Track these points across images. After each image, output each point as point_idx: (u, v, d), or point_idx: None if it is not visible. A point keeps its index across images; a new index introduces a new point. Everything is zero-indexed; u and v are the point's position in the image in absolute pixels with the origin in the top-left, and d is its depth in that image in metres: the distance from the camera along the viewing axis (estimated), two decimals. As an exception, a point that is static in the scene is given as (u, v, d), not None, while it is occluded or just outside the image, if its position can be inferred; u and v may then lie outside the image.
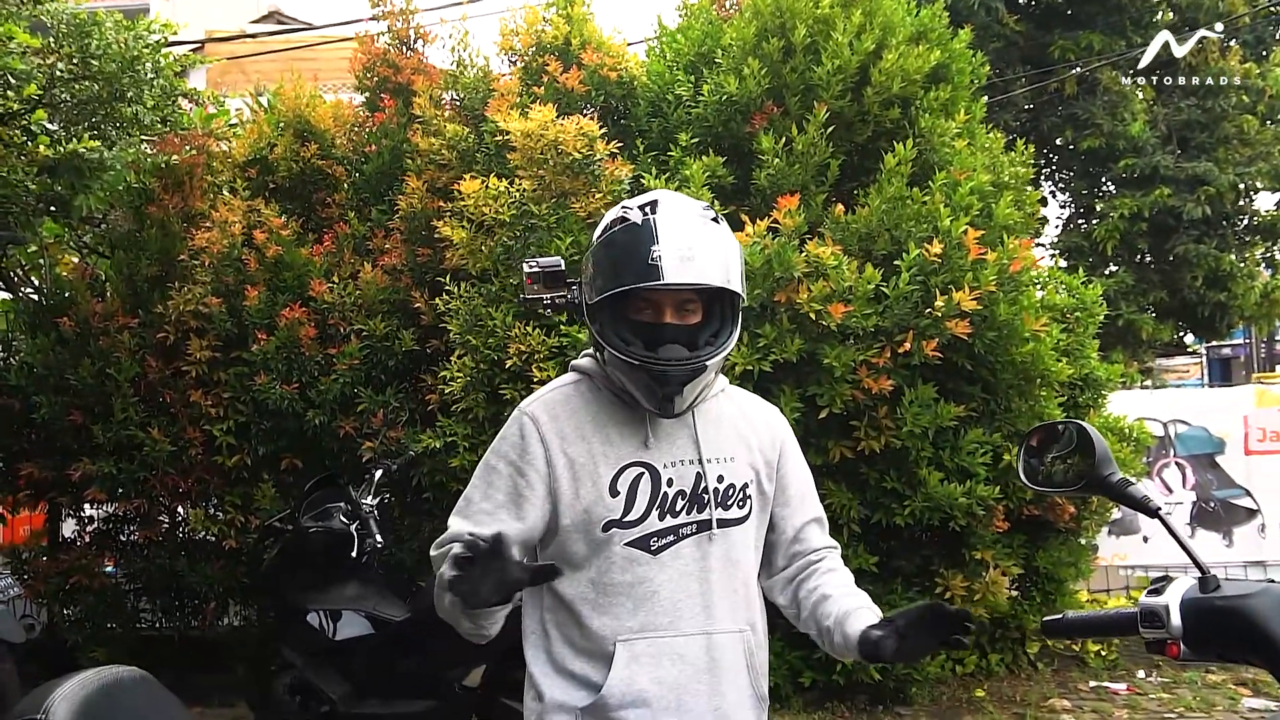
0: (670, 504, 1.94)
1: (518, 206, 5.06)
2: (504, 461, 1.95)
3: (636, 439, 1.96)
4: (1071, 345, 5.61)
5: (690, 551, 1.94)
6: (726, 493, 1.99)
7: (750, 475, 2.03)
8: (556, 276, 2.02)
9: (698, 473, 1.96)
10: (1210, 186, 11.56)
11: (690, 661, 1.93)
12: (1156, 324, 12.09)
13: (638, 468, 1.94)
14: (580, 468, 1.92)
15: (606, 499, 1.91)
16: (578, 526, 1.91)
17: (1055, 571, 5.62)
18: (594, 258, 1.93)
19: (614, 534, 1.91)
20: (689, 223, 1.91)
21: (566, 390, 2.03)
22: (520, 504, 1.92)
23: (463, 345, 5.10)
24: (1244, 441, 6.95)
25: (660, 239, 1.85)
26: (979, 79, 5.86)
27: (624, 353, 1.88)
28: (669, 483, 1.94)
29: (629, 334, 1.90)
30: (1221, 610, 1.47)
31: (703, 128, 5.39)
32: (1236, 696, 5.56)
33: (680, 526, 1.95)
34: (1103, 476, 1.68)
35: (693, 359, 1.89)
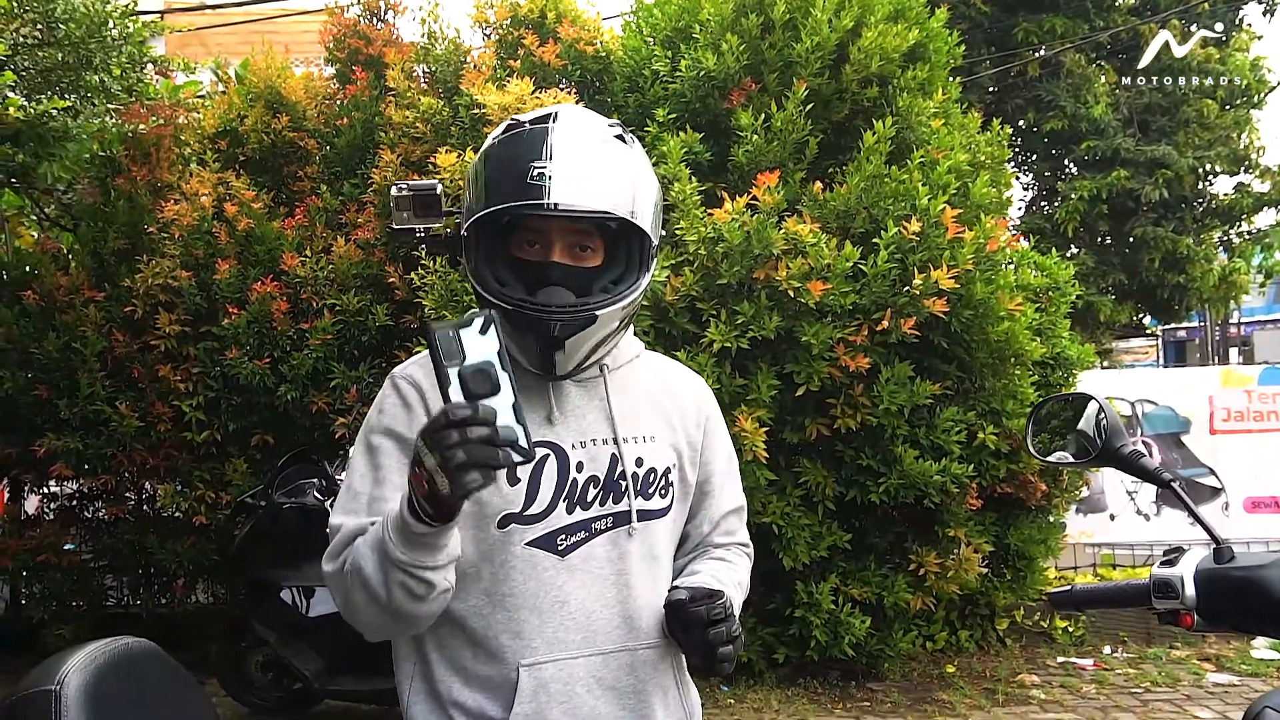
0: (580, 494, 1.60)
1: (494, 181, 5.00)
2: (387, 437, 1.58)
3: (539, 413, 1.60)
4: (1044, 324, 5.66)
5: (605, 551, 1.61)
6: (647, 479, 1.66)
7: (673, 459, 1.71)
8: (429, 202, 1.58)
9: (613, 455, 1.63)
10: (1169, 170, 11.71)
11: (610, 685, 1.60)
12: (1115, 306, 12.25)
13: (540, 449, 1.56)
14: None
15: (503, 487, 1.55)
16: (466, 521, 1.52)
17: (1025, 549, 5.70)
18: (471, 175, 1.59)
19: (513, 531, 1.56)
20: (589, 137, 1.57)
21: None
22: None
23: (437, 320, 5.04)
24: (1209, 421, 7.06)
25: (550, 153, 1.51)
26: (955, 58, 5.87)
27: (495, 294, 1.52)
28: (578, 467, 1.60)
29: (506, 273, 1.55)
30: (1237, 581, 1.48)
31: (680, 103, 5.36)
32: (1201, 672, 5.67)
33: (592, 521, 1.60)
34: (1115, 448, 1.68)
35: (579, 306, 1.53)
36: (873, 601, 5.10)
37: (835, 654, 5.12)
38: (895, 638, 5.26)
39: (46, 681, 1.34)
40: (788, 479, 5.01)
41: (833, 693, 5.34)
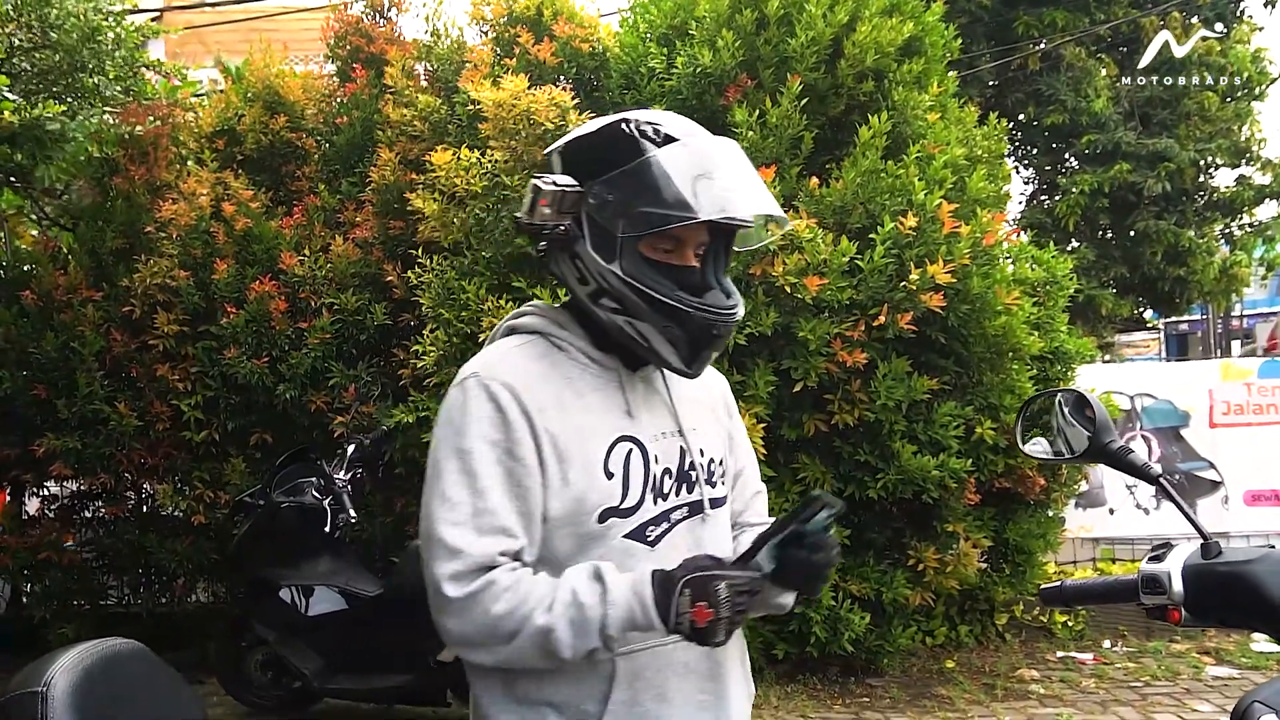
0: (659, 485, 1.65)
1: (490, 178, 5.01)
2: (484, 443, 1.54)
3: (618, 408, 1.65)
4: (1042, 319, 5.65)
5: (684, 539, 1.66)
6: (709, 468, 1.73)
7: (722, 448, 1.79)
8: (573, 200, 1.61)
9: (681, 447, 1.69)
10: (1171, 163, 11.67)
11: (694, 669, 1.65)
12: (1117, 299, 12.23)
13: (626, 443, 1.62)
14: (567, 446, 1.57)
15: (601, 482, 1.58)
16: (567, 518, 1.57)
17: (1024, 544, 5.69)
18: (619, 184, 1.57)
19: (612, 525, 1.59)
20: (731, 145, 1.65)
21: (526, 353, 1.65)
22: (525, 497, 1.55)
23: (435, 319, 5.05)
24: (1209, 414, 7.05)
25: (717, 162, 1.59)
26: (951, 52, 5.87)
27: (673, 298, 1.56)
28: (656, 459, 1.65)
29: (656, 275, 1.59)
30: (1223, 575, 1.48)
31: (676, 100, 5.36)
32: (1200, 665, 5.67)
33: (671, 511, 1.66)
34: (1104, 444, 1.68)
35: (734, 308, 1.63)
36: (872, 597, 5.10)
37: (835, 650, 5.12)
38: (894, 633, 5.26)
39: (34, 683, 1.35)
40: (786, 475, 5.01)
41: (832, 689, 5.34)
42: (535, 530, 1.56)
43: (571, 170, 1.64)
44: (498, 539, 1.52)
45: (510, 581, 1.50)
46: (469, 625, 1.51)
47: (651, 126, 1.61)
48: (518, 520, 1.54)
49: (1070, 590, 1.80)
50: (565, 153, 1.68)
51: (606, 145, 1.62)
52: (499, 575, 1.50)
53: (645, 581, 1.48)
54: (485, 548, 1.51)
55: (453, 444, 1.56)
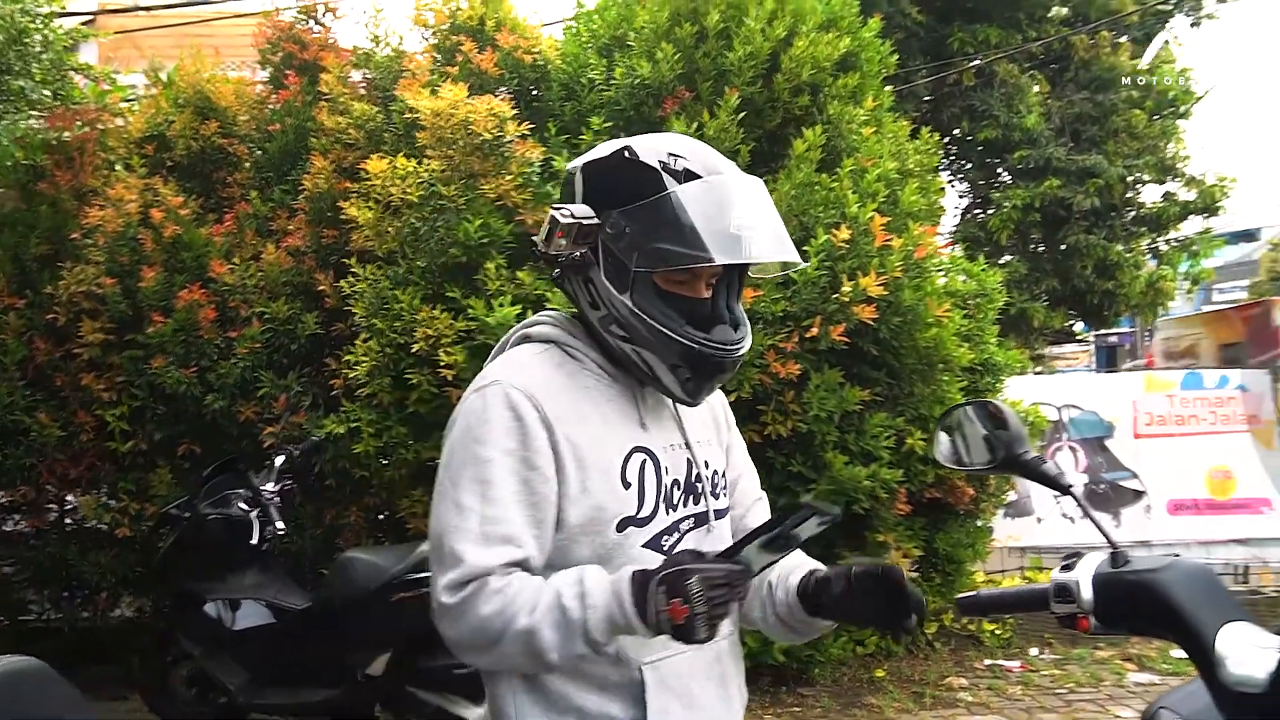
0: (670, 495, 1.68)
1: (426, 187, 4.99)
2: (500, 452, 1.56)
3: (632, 420, 1.68)
4: (972, 331, 5.74)
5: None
6: (714, 480, 1.76)
7: (723, 460, 1.82)
8: (589, 232, 1.63)
9: (688, 459, 1.72)
10: (1100, 179, 11.93)
11: (710, 677, 1.68)
12: (1048, 312, 12.45)
13: (641, 454, 1.65)
14: (587, 455, 1.59)
15: (620, 491, 1.61)
16: (586, 526, 1.59)
17: (954, 553, 5.76)
18: (638, 217, 1.59)
19: (630, 534, 1.61)
20: (755, 184, 1.66)
21: (543, 362, 1.66)
22: (539, 505, 1.57)
23: (368, 328, 5.01)
24: (1133, 425, 7.22)
25: (736, 202, 1.59)
26: (887, 68, 5.94)
27: (679, 334, 1.59)
28: (666, 470, 1.67)
29: (665, 307, 1.61)
30: (1131, 584, 1.50)
31: (615, 111, 5.37)
32: (1123, 671, 5.78)
33: (680, 521, 1.68)
34: (1017, 455, 1.71)
35: (740, 342, 1.66)
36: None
37: (766, 660, 5.15)
38: (826, 643, 5.30)
39: (-71, 702, 1.31)
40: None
41: (764, 699, 5.36)
42: (546, 539, 1.58)
43: (591, 192, 1.66)
44: (503, 549, 1.53)
45: (501, 584, 1.52)
46: (462, 629, 1.54)
47: (675, 159, 1.62)
48: (528, 529, 1.55)
49: (986, 600, 1.83)
50: (586, 174, 1.69)
51: (628, 174, 1.63)
52: (492, 579, 1.52)
53: (625, 581, 1.48)
54: (487, 558, 1.52)
55: (471, 451, 1.58)
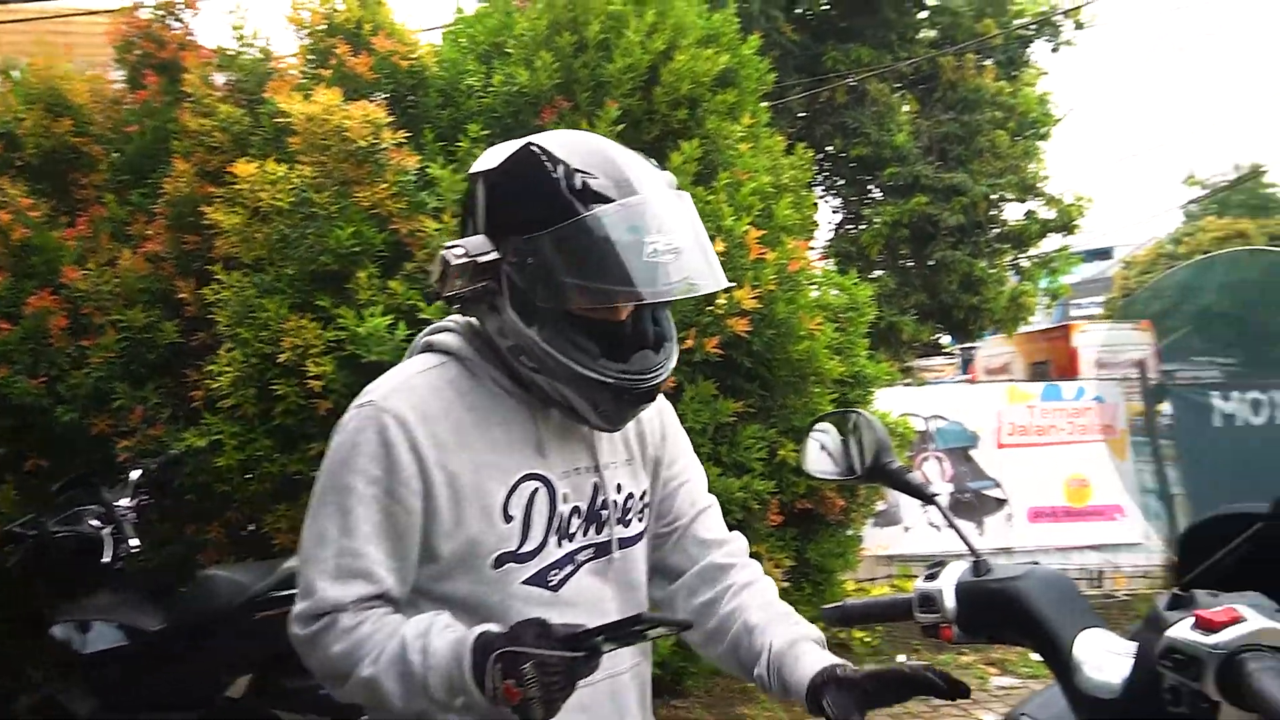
0: (565, 526, 1.58)
1: (297, 193, 4.84)
2: (364, 481, 1.48)
3: (528, 444, 1.57)
4: (843, 343, 5.84)
5: (589, 582, 1.61)
6: (626, 505, 1.66)
7: (647, 480, 1.72)
8: (489, 268, 1.50)
9: (595, 483, 1.62)
10: (965, 196, 12.36)
11: (595, 713, 1.58)
12: (917, 325, 12.83)
13: (532, 482, 1.55)
14: (464, 486, 1.50)
15: (499, 525, 1.52)
16: (460, 561, 1.51)
17: (825, 563, 5.84)
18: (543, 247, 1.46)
19: (509, 570, 1.53)
20: (677, 203, 1.53)
21: (433, 379, 1.56)
22: (400, 539, 1.49)
23: (232, 338, 4.83)
24: (996, 435, 7.46)
25: (653, 226, 1.46)
26: (765, 85, 6.02)
27: (594, 369, 1.48)
28: (564, 498, 1.58)
29: (578, 336, 1.49)
30: (992, 592, 1.52)
31: (492, 119, 5.30)
32: (985, 675, 5.96)
33: (576, 553, 1.59)
34: (883, 464, 1.72)
35: (663, 364, 1.55)
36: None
37: (641, 671, 5.12)
38: (699, 654, 5.30)
39: None
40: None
41: (640, 711, 5.34)
42: (409, 571, 1.52)
43: (493, 207, 1.55)
44: (357, 584, 1.48)
45: (352, 623, 1.47)
46: (313, 664, 1.52)
47: (586, 177, 1.48)
48: (387, 563, 1.49)
49: (852, 610, 1.84)
50: (489, 185, 1.56)
51: (532, 192, 1.50)
52: (344, 617, 1.48)
53: (467, 646, 1.40)
54: (340, 593, 1.47)
55: (335, 477, 1.52)
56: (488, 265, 1.50)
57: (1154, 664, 1.15)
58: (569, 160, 1.50)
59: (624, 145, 1.62)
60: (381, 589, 1.50)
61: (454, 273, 1.51)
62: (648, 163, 1.59)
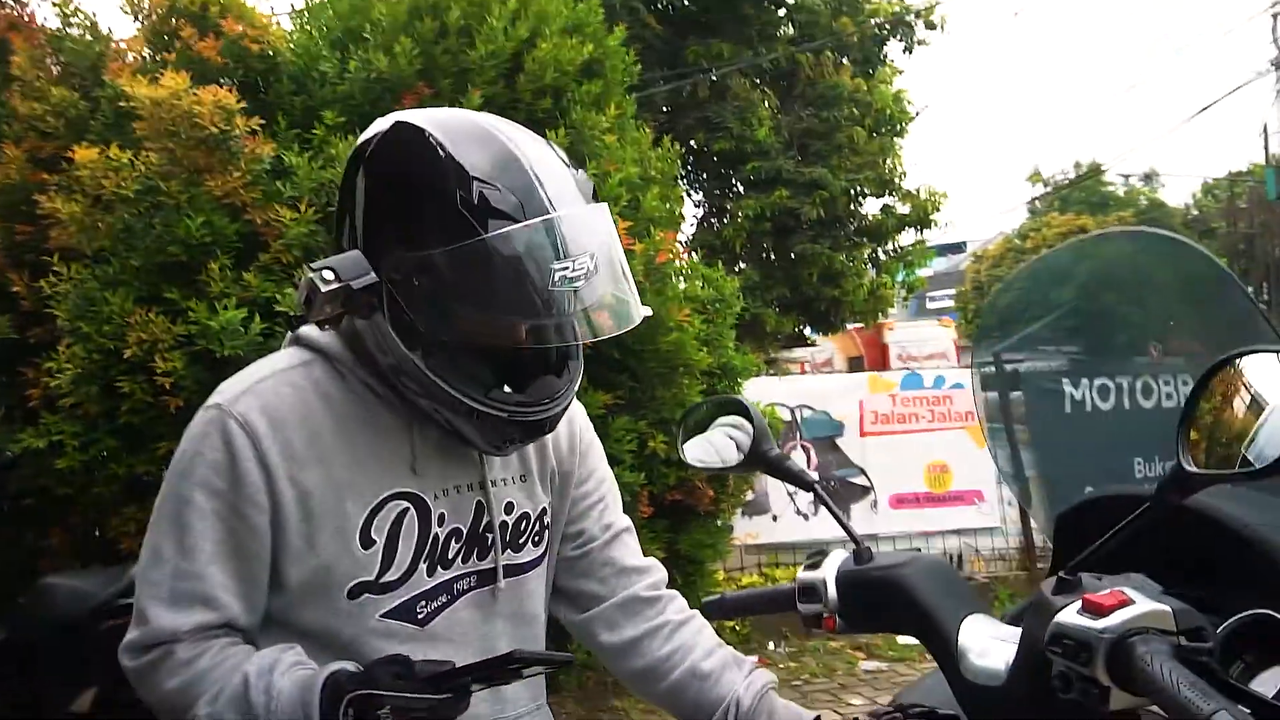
0: (441, 551, 1.42)
1: (143, 181, 4.60)
2: (205, 493, 1.33)
3: (399, 459, 1.39)
4: (711, 335, 5.86)
5: (469, 614, 1.45)
6: (518, 528, 1.50)
7: (547, 498, 1.56)
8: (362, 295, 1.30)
9: (478, 502, 1.45)
10: (825, 190, 12.59)
11: None
12: (779, 318, 13.03)
13: (399, 502, 1.38)
14: (318, 505, 1.34)
15: (356, 551, 1.35)
16: (312, 589, 1.36)
17: (696, 553, 5.86)
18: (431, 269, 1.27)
19: (366, 602, 1.36)
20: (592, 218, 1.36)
21: (294, 380, 1.38)
22: (246, 561, 1.34)
23: (72, 333, 4.56)
24: (859, 424, 7.61)
25: (563, 249, 1.27)
26: (631, 77, 6.00)
27: (485, 403, 1.32)
28: (440, 520, 1.41)
29: (469, 362, 1.33)
30: (874, 581, 1.49)
31: (350, 106, 5.13)
32: (854, 660, 6.07)
33: (454, 581, 1.43)
34: (762, 452, 1.66)
35: (567, 389, 1.39)
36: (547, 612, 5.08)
37: (512, 669, 5.04)
38: (569, 648, 5.26)
39: None
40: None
41: (511, 709, 5.27)
42: (259, 595, 1.37)
43: (374, 201, 1.36)
44: (195, 611, 1.32)
45: (189, 656, 1.33)
46: (148, 698, 1.37)
47: (481, 190, 1.27)
48: (230, 587, 1.34)
49: (731, 602, 1.80)
50: (371, 174, 1.37)
51: (421, 202, 1.30)
52: (180, 648, 1.33)
53: (315, 688, 1.25)
54: (175, 621, 1.32)
55: (175, 486, 1.36)
56: (365, 290, 1.31)
57: (1041, 650, 1.13)
58: (466, 162, 1.30)
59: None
60: (224, 617, 1.34)
61: (323, 299, 1.30)
62: (557, 158, 1.39)
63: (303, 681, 1.27)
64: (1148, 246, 2.77)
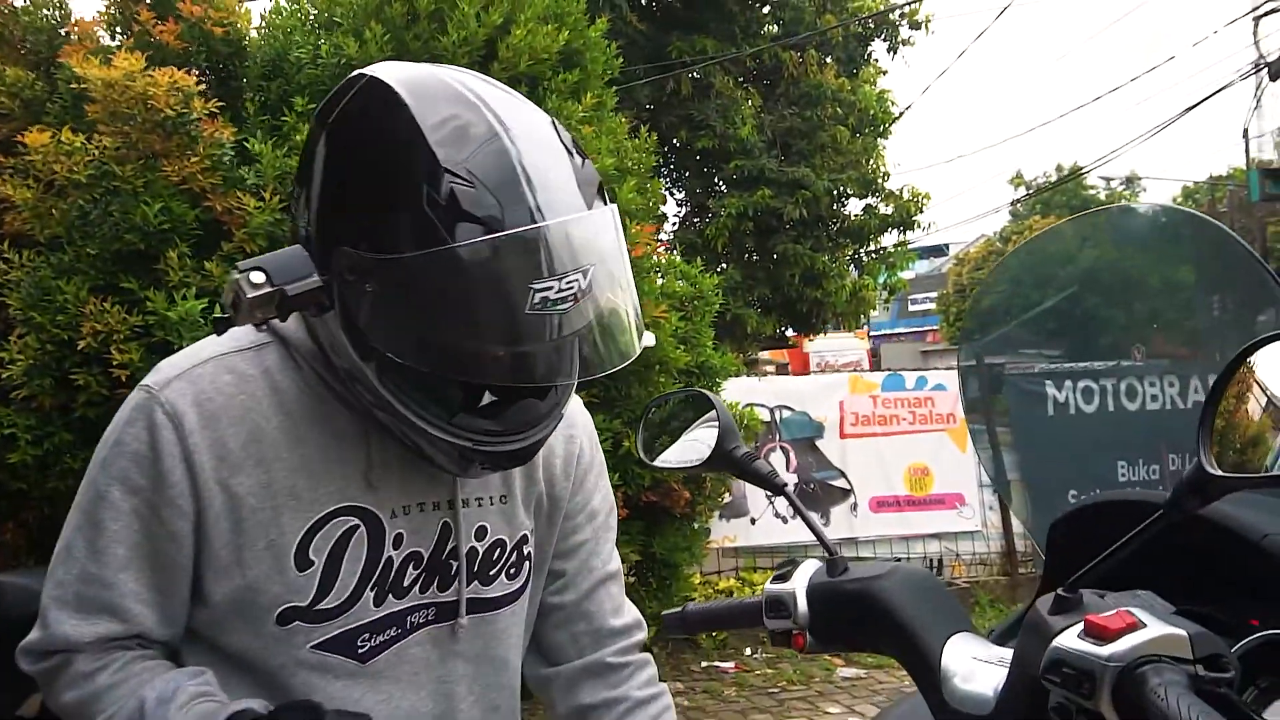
0: (395, 578, 1.23)
1: (97, 165, 4.45)
2: (123, 489, 1.18)
3: (353, 467, 1.21)
4: (689, 333, 5.74)
5: (422, 652, 1.27)
6: (490, 556, 1.31)
7: (530, 523, 1.36)
8: (305, 297, 1.11)
9: (445, 523, 1.26)
10: (808, 190, 12.51)
11: None
12: (760, 318, 12.92)
13: (347, 518, 1.20)
14: (250, 515, 1.18)
15: (289, 572, 1.18)
16: (237, 609, 1.20)
17: (671, 557, 5.75)
18: (386, 278, 1.07)
19: (296, 630, 1.19)
20: (591, 223, 1.11)
21: (239, 366, 1.21)
22: (163, 569, 1.19)
23: (25, 323, 4.41)
24: (840, 426, 7.50)
25: (551, 261, 1.05)
26: (612, 69, 5.89)
27: (445, 429, 1.12)
28: (395, 541, 1.23)
29: (431, 382, 1.13)
30: (849, 595, 1.34)
31: (320, 91, 4.98)
32: (831, 668, 5.96)
33: (408, 613, 1.25)
34: (728, 451, 1.52)
35: (548, 419, 1.18)
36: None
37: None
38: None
39: None
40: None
41: (479, 715, 5.14)
42: (178, 606, 1.22)
43: (329, 186, 1.16)
44: (100, 620, 1.19)
45: (90, 669, 1.20)
46: (50, 702, 1.27)
47: (453, 186, 1.05)
48: (143, 597, 1.20)
49: (693, 616, 1.65)
50: (332, 145, 1.18)
51: (379, 190, 1.09)
52: (79, 659, 1.21)
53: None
54: (78, 630, 1.19)
55: (93, 476, 1.21)
56: (310, 292, 1.11)
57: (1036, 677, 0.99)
58: (441, 149, 1.08)
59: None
60: (133, 629, 1.22)
61: (251, 304, 1.09)
62: (558, 144, 1.15)
63: (203, 714, 1.14)
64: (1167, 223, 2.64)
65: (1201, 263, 2.34)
